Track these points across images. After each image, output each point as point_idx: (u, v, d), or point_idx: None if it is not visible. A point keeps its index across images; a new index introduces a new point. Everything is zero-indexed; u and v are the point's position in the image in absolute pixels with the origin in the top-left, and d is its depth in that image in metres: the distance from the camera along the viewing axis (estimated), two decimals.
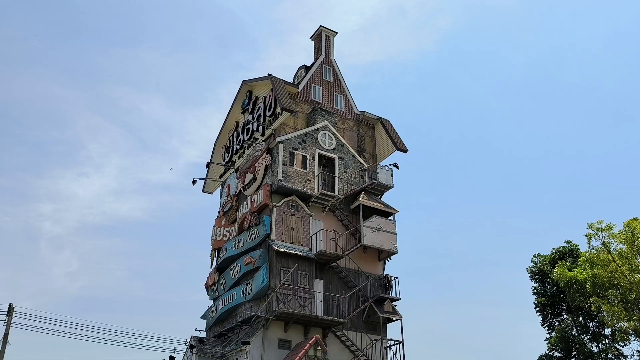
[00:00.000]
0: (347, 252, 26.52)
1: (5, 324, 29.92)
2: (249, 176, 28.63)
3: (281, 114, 27.75)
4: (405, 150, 30.67)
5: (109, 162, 78.86)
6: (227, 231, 29.19)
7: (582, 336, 24.70)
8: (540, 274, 27.01)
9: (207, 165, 33.66)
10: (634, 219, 21.21)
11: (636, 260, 21.26)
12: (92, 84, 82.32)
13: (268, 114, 28.88)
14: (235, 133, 32.50)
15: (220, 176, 32.84)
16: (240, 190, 29.23)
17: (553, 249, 27.50)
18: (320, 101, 30.50)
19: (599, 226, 22.06)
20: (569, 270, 23.90)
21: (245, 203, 28.08)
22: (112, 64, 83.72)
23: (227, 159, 32.66)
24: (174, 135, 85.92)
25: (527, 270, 27.74)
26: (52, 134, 78.89)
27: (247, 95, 32.00)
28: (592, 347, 24.52)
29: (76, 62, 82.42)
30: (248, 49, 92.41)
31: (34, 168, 76.16)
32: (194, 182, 30.61)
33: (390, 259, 28.48)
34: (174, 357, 25.28)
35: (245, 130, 31.10)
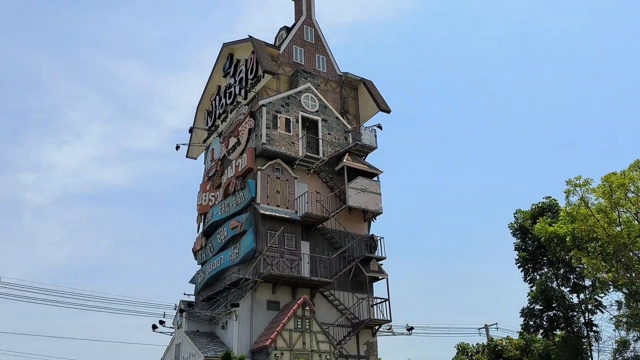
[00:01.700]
0: (333, 214, 26.75)
1: None
2: (232, 140, 28.49)
3: (263, 77, 27.46)
4: (388, 111, 30.65)
5: (90, 129, 77.71)
6: (212, 196, 29.20)
7: (563, 288, 25.44)
8: (522, 230, 27.54)
9: (190, 131, 33.37)
10: (612, 173, 21.61)
11: (614, 213, 21.77)
12: (69, 50, 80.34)
13: (250, 76, 28.56)
14: (217, 97, 32.15)
15: (204, 141, 32.63)
16: (224, 154, 29.12)
17: (533, 204, 27.95)
18: (302, 63, 30.17)
19: (577, 182, 22.44)
20: (550, 225, 24.39)
21: (229, 167, 28.02)
22: (89, 29, 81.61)
23: (210, 124, 32.39)
24: (154, 101, 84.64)
25: (509, 227, 28.26)
26: (30, 102, 77.27)
27: (228, 58, 31.54)
28: (572, 298, 25.30)
29: (52, 27, 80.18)
30: (227, 10, 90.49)
31: (14, 137, 74.82)
32: (177, 147, 30.40)
33: (375, 219, 28.81)
34: (164, 322, 25.63)
35: (227, 94, 30.76)
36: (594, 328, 24.94)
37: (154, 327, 25.29)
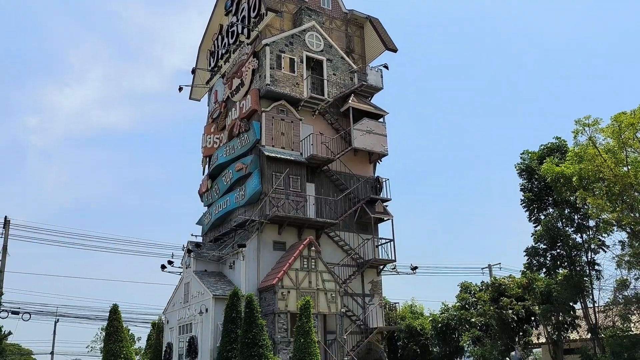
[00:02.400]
0: (338, 156, 26.66)
1: (3, 236, 30.46)
2: (236, 81, 28.06)
3: (266, 15, 26.72)
4: (395, 50, 29.95)
5: (91, 71, 76.72)
6: (217, 138, 29.07)
7: (567, 228, 25.54)
8: (528, 171, 27.36)
9: (193, 72, 32.86)
10: (622, 112, 21.22)
11: (622, 153, 21.54)
12: None
13: (252, 15, 27.79)
14: (219, 37, 31.42)
15: (207, 82, 32.18)
16: (227, 96, 28.77)
17: (541, 145, 27.67)
18: (307, 0, 29.27)
19: (586, 121, 22.08)
20: (557, 166, 24.23)
21: (233, 109, 27.74)
22: None
23: (212, 65, 31.83)
24: (155, 42, 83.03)
25: (515, 167, 28.10)
26: (31, 44, 76.01)
27: None
28: (577, 238, 25.43)
29: None
30: None
31: (16, 80, 74.09)
32: (180, 89, 30.02)
33: (380, 161, 28.74)
34: (172, 262, 26.10)
35: (230, 33, 30.04)
36: (596, 267, 25.20)
37: (163, 267, 25.78)
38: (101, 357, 19.20)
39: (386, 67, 29.41)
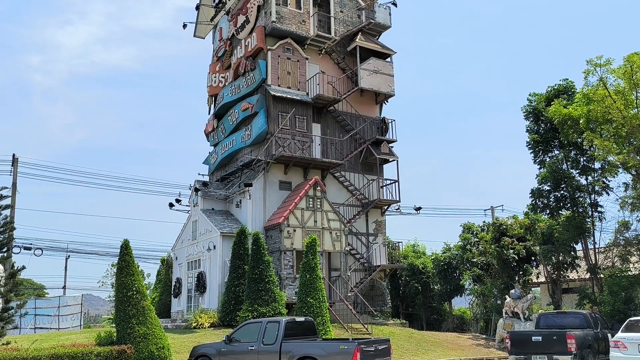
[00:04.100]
0: (344, 96, 26.47)
1: (12, 173, 30.80)
2: (241, 18, 27.50)
3: None
4: None
5: (93, 7, 74.98)
6: (222, 77, 28.78)
7: (572, 170, 25.59)
8: (535, 113, 27.14)
9: (197, 8, 32.13)
10: (635, 53, 20.80)
11: (632, 95, 21.28)
12: None
13: None
14: None
15: (212, 19, 31.52)
16: (232, 33, 28.26)
17: (549, 87, 27.30)
18: None
19: (598, 61, 21.69)
20: (564, 107, 24.01)
21: (239, 47, 27.32)
22: None
23: (217, 0, 31.08)
24: None
25: (522, 109, 27.87)
26: None
27: None
28: (581, 180, 25.52)
29: None
30: None
31: (16, 17, 72.68)
32: (184, 26, 29.54)
33: (387, 101, 28.53)
34: (180, 201, 26.46)
35: None
36: (599, 209, 25.41)
37: (171, 205, 26.16)
38: (114, 291, 19.86)
39: (395, 4, 28.71)
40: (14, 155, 30.58)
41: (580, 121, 22.57)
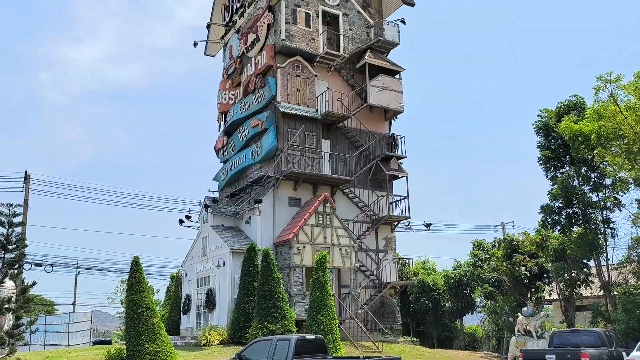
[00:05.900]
0: (354, 112, 26.55)
1: (24, 190, 31.08)
2: (251, 37, 27.78)
3: None
4: (412, 4, 29.36)
5: (103, 25, 76.12)
6: (232, 94, 29.00)
7: (583, 187, 25.41)
8: (546, 128, 27.05)
9: (208, 27, 32.52)
10: None
11: None
12: None
13: None
14: None
15: (222, 37, 31.87)
16: (243, 51, 28.53)
17: (559, 102, 27.25)
18: None
19: (608, 77, 21.65)
20: (575, 123, 23.93)
21: (249, 65, 27.56)
22: None
23: (227, 19, 31.44)
24: None
25: (533, 125, 27.78)
26: None
27: None
28: (592, 196, 25.32)
29: None
30: None
31: (26, 35, 73.92)
32: (195, 44, 29.86)
33: (396, 118, 28.58)
34: (190, 217, 26.54)
35: None
36: (611, 225, 25.17)
37: (181, 221, 26.24)
38: (123, 308, 19.90)
39: (403, 22, 28.87)
40: (26, 172, 30.90)
41: (591, 137, 22.48)
